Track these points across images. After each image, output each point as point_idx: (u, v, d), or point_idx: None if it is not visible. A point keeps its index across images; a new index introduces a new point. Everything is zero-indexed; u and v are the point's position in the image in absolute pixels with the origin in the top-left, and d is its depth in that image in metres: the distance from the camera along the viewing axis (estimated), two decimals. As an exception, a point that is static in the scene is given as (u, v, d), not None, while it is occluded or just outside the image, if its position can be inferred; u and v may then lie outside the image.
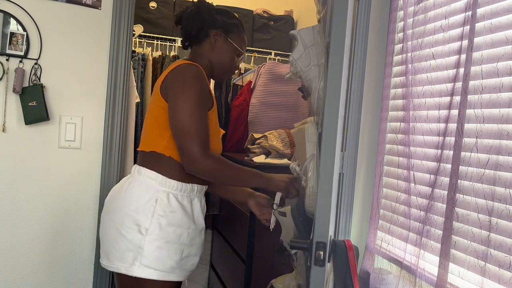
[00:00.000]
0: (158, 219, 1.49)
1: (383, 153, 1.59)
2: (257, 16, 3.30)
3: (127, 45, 1.96)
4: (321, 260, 0.99)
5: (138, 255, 1.47)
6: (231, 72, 1.73)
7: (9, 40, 1.80)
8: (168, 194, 1.53)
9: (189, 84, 1.50)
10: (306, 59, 1.58)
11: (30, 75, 1.85)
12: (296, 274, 1.78)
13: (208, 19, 1.66)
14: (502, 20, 1.14)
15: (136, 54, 2.85)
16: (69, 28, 1.90)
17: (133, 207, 1.50)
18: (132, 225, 1.49)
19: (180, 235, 1.53)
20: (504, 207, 1.08)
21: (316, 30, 1.58)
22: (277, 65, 2.88)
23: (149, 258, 1.47)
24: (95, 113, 1.95)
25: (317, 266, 1.00)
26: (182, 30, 1.69)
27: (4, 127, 1.84)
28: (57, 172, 1.92)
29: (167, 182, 1.53)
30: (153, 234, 1.48)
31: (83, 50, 1.92)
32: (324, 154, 1.01)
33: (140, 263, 1.47)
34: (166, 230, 1.50)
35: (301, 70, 1.59)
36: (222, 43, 1.67)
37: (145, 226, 1.48)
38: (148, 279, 1.48)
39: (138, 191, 1.52)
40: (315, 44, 1.56)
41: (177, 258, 1.52)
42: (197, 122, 1.47)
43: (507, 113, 1.10)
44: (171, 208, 1.52)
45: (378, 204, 1.58)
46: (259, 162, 2.35)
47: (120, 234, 1.49)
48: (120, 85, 1.96)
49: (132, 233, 1.48)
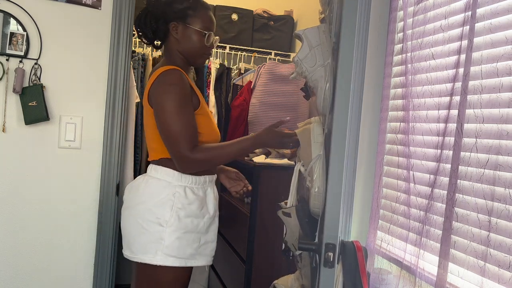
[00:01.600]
0: (177, 212, 1.58)
1: (383, 153, 1.60)
2: (257, 16, 3.30)
3: (127, 45, 1.96)
4: (330, 262, 0.99)
5: (160, 245, 1.57)
6: (206, 54, 1.70)
7: (9, 40, 1.81)
8: (185, 188, 1.62)
9: (168, 91, 1.56)
10: (312, 59, 1.58)
11: (30, 75, 1.85)
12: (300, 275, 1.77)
13: (159, 15, 1.63)
14: (502, 20, 1.14)
15: (136, 54, 2.85)
16: (69, 28, 1.90)
17: (153, 202, 1.59)
18: (153, 219, 1.58)
19: (197, 224, 1.62)
20: (504, 207, 1.08)
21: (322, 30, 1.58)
22: (277, 65, 2.88)
23: (170, 247, 1.57)
24: (95, 113, 1.95)
25: (327, 267, 1.00)
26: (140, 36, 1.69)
27: (4, 127, 1.84)
28: (57, 172, 1.92)
29: (183, 178, 1.62)
30: (173, 226, 1.57)
31: (83, 50, 1.92)
32: (333, 157, 1.01)
33: (162, 252, 1.57)
34: (184, 221, 1.59)
35: (307, 71, 1.58)
36: (183, 31, 1.63)
37: (165, 218, 1.57)
38: (171, 267, 1.58)
39: (157, 187, 1.61)
40: (320, 44, 1.55)
41: (195, 246, 1.62)
42: (180, 124, 1.54)
43: (507, 113, 1.10)
44: (188, 201, 1.61)
45: (378, 204, 1.58)
46: (259, 162, 2.35)
47: (142, 228, 1.59)
48: (120, 85, 1.96)
49: (153, 226, 1.58)
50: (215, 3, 3.21)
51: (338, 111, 1.02)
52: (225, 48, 3.23)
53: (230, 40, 3.22)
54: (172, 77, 1.57)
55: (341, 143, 1.01)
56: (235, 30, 3.22)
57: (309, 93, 1.78)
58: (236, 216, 2.51)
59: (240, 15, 3.24)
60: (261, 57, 3.32)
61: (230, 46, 3.23)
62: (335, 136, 1.02)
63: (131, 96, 2.27)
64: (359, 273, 1.06)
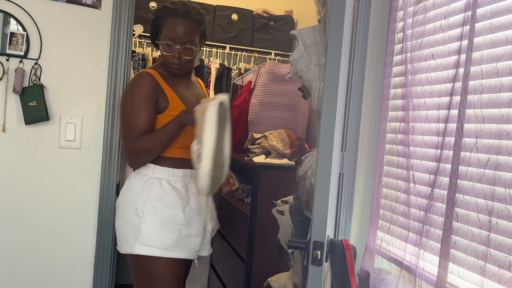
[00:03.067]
0: (152, 202, 1.65)
1: (383, 153, 1.59)
2: (257, 16, 3.30)
3: (127, 45, 1.96)
4: (318, 260, 0.99)
5: (138, 235, 1.63)
6: (171, 64, 1.70)
7: (9, 40, 1.80)
8: (161, 179, 1.69)
9: (127, 92, 1.71)
10: (307, 59, 1.58)
11: (30, 75, 1.85)
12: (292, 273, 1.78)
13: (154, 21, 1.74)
14: (502, 20, 1.14)
15: (136, 54, 2.85)
16: (69, 28, 1.90)
17: (131, 194, 1.69)
18: (131, 210, 1.66)
19: (175, 216, 1.67)
20: (504, 207, 1.08)
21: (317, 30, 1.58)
22: (277, 65, 2.88)
23: (146, 237, 1.63)
24: (95, 113, 1.95)
25: (315, 265, 1.00)
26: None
27: (4, 127, 1.84)
28: (57, 172, 1.92)
29: (158, 169, 1.69)
30: (149, 216, 1.64)
31: (83, 50, 1.92)
32: (322, 154, 1.01)
33: (140, 242, 1.63)
34: (161, 211, 1.65)
35: (302, 70, 1.59)
36: (160, 41, 1.70)
37: (141, 209, 1.65)
38: (153, 257, 1.63)
39: (134, 181, 1.71)
40: (315, 44, 1.56)
41: (175, 237, 1.66)
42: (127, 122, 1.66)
43: (507, 113, 1.10)
44: (164, 192, 1.67)
45: (378, 204, 1.58)
46: (259, 162, 2.35)
47: (123, 220, 1.68)
48: (120, 85, 1.96)
49: (132, 217, 1.66)
50: (215, 3, 3.21)
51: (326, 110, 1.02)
52: (225, 48, 3.23)
53: (230, 40, 3.22)
54: (136, 79, 1.69)
55: (329, 142, 1.01)
56: (235, 30, 3.23)
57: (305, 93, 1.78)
58: (236, 216, 2.51)
59: (240, 15, 3.24)
60: (261, 57, 3.32)
61: (230, 46, 3.23)
62: (323, 134, 1.02)
63: (131, 96, 2.27)
64: (347, 272, 1.06)
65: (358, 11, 1.66)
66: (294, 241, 1.11)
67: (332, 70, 1.01)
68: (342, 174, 1.66)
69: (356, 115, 1.66)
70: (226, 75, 3.17)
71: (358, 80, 1.66)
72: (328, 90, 1.02)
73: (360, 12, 1.66)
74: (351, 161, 1.66)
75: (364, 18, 1.66)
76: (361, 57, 1.66)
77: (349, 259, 1.06)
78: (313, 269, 1.00)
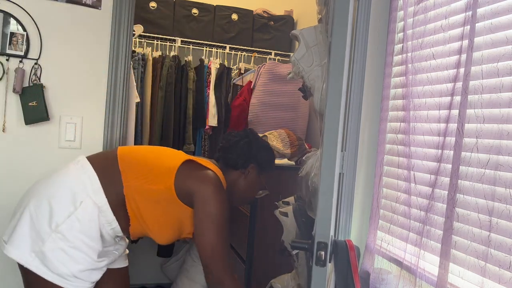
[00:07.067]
0: (73, 221, 1.42)
1: (383, 153, 1.59)
2: (257, 16, 3.30)
3: (127, 45, 1.96)
4: (322, 260, 0.99)
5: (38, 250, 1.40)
6: (247, 198, 1.81)
7: (9, 40, 1.80)
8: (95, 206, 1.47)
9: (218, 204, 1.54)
10: (309, 59, 1.58)
11: (30, 75, 1.85)
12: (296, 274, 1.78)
13: (254, 154, 1.74)
14: (502, 20, 1.14)
15: (136, 54, 2.85)
16: (69, 28, 1.90)
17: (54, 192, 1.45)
18: (44, 214, 1.42)
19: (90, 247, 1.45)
20: (505, 207, 1.08)
21: (319, 30, 1.58)
22: (277, 65, 2.88)
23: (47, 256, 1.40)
24: (95, 113, 1.95)
25: (319, 266, 1.00)
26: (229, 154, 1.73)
27: (4, 127, 1.84)
28: (57, 172, 1.92)
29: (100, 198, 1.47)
30: (60, 234, 1.40)
31: (83, 50, 1.92)
32: (325, 155, 1.01)
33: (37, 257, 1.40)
34: (76, 236, 1.42)
35: (304, 70, 1.58)
36: (253, 176, 1.75)
37: (57, 221, 1.41)
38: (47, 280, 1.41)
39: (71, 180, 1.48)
40: (317, 44, 1.55)
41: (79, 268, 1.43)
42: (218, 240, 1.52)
43: (507, 113, 1.10)
44: (91, 217, 1.46)
45: (378, 204, 1.58)
46: (259, 162, 2.34)
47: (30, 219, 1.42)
48: (120, 85, 1.96)
49: (40, 222, 1.41)
50: (215, 3, 3.20)
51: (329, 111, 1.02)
52: (225, 48, 3.23)
53: (230, 40, 3.22)
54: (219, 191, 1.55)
55: (333, 143, 1.01)
56: (235, 30, 3.22)
57: (307, 93, 1.78)
58: (236, 216, 2.50)
59: (240, 15, 3.24)
60: (261, 57, 3.32)
61: (230, 46, 3.23)
62: (327, 135, 1.01)
63: (131, 96, 2.27)
64: (351, 272, 1.06)
65: (358, 11, 1.65)
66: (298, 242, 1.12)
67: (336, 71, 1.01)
68: (342, 174, 1.66)
69: (356, 115, 1.66)
70: (226, 75, 3.17)
71: (358, 80, 1.66)
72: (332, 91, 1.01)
73: (360, 12, 1.66)
74: (351, 161, 1.66)
75: (364, 18, 1.66)
76: (361, 57, 1.66)
77: (353, 259, 1.06)
78: (317, 270, 1.00)
